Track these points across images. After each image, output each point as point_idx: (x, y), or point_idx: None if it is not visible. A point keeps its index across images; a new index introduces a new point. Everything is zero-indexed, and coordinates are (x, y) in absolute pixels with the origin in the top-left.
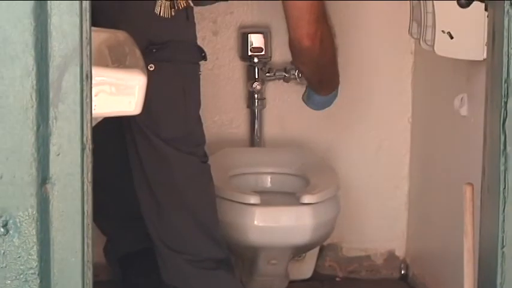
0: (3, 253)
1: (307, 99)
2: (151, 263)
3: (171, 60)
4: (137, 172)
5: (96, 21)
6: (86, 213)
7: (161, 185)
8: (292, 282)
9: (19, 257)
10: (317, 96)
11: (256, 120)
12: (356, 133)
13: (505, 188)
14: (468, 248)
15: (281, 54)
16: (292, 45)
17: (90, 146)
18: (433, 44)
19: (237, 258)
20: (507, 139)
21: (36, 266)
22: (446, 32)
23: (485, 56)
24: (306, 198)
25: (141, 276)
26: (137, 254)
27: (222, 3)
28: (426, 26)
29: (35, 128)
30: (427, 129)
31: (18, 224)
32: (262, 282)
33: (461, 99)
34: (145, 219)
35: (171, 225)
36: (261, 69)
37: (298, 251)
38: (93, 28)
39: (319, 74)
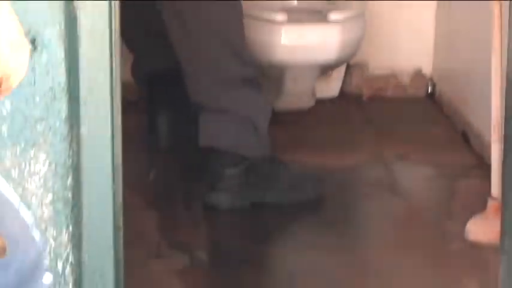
0: (32, 69)
1: None
2: (178, 82)
3: None
4: None
5: None
6: (113, 30)
7: (187, 3)
8: (319, 100)
9: (47, 73)
10: None
11: None
12: None
13: None
14: (496, 65)
15: None
16: None
17: None
18: None
19: (264, 78)
20: None
21: (65, 82)
22: None
23: None
24: (333, 15)
25: (168, 94)
26: (164, 72)
27: None
28: None
29: None
30: None
31: (46, 41)
32: (289, 101)
33: None
34: (171, 38)
35: (197, 44)
36: None
37: (325, 69)
38: None
39: None
